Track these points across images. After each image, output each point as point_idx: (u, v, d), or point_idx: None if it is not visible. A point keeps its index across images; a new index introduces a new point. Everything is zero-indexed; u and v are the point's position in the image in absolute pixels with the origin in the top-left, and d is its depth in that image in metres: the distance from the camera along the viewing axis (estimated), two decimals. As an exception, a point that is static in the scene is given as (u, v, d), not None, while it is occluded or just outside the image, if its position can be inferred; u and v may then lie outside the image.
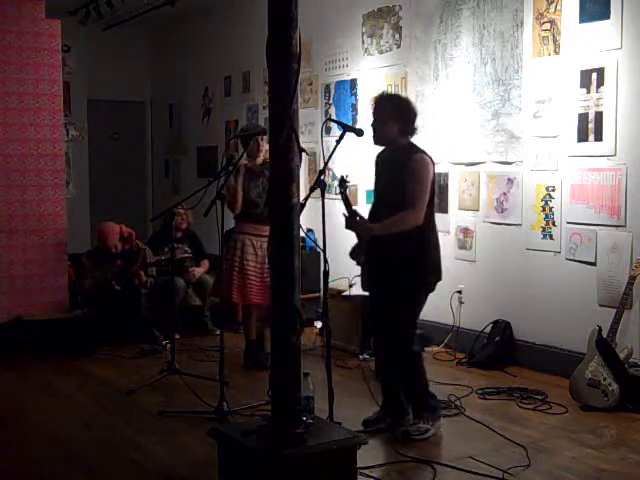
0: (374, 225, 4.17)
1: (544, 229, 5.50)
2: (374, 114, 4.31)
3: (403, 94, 6.17)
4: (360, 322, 6.06)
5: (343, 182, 4.16)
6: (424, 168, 4.16)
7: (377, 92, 4.62)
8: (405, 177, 4.14)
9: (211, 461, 3.63)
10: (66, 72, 8.28)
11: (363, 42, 7.03)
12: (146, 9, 8.65)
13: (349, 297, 6.06)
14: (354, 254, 4.33)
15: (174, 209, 5.61)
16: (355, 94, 7.13)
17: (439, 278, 4.31)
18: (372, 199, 4.53)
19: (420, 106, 6.38)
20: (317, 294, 6.84)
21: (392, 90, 6.57)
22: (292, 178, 3.40)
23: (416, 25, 6.47)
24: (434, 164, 4.25)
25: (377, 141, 4.33)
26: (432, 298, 4.52)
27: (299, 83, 3.41)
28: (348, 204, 4.21)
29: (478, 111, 5.95)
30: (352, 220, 4.22)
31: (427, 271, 4.25)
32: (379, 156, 4.47)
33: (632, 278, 4.82)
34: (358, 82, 7.10)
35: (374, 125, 4.28)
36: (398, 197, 4.14)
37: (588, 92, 5.16)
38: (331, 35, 7.41)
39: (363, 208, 5.12)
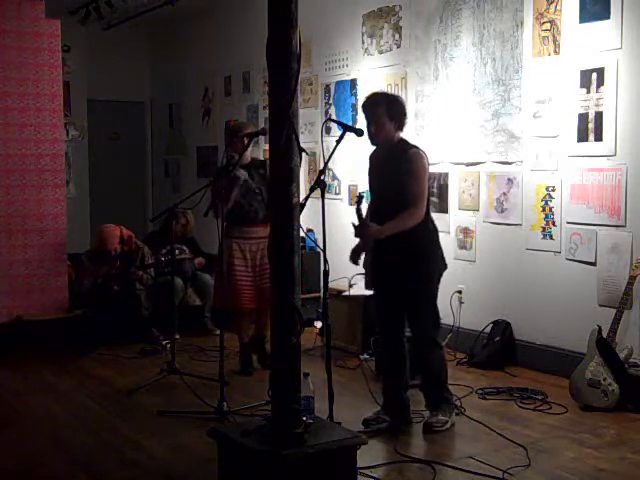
0: (382, 228, 4.18)
1: (544, 229, 5.50)
2: (369, 117, 4.31)
3: (390, 91, 6.20)
4: (360, 322, 6.07)
5: (360, 199, 4.19)
6: (420, 164, 4.25)
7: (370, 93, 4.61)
8: (403, 175, 4.20)
9: (211, 461, 3.63)
10: (66, 72, 8.28)
11: (363, 42, 7.03)
12: (146, 9, 8.65)
13: (349, 297, 6.06)
14: (354, 256, 4.37)
15: (175, 210, 5.59)
16: (355, 94, 7.13)
17: (446, 266, 4.45)
18: (370, 198, 4.55)
19: (420, 106, 6.43)
20: (317, 294, 6.85)
21: (392, 90, 6.57)
22: (292, 178, 3.40)
23: (416, 25, 6.47)
24: (427, 157, 4.31)
25: (376, 142, 4.36)
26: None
27: (299, 83, 3.41)
28: (360, 217, 4.22)
29: (478, 111, 5.95)
30: (362, 228, 4.23)
31: (438, 259, 4.40)
32: (373, 155, 4.50)
33: (632, 278, 4.82)
34: (358, 82, 7.10)
35: (372, 128, 4.29)
36: (399, 194, 4.20)
37: (588, 92, 5.16)
38: (331, 35, 7.41)
39: (363, 207, 5.11)
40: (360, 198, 4.21)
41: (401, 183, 4.20)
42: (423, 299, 4.35)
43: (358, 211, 4.24)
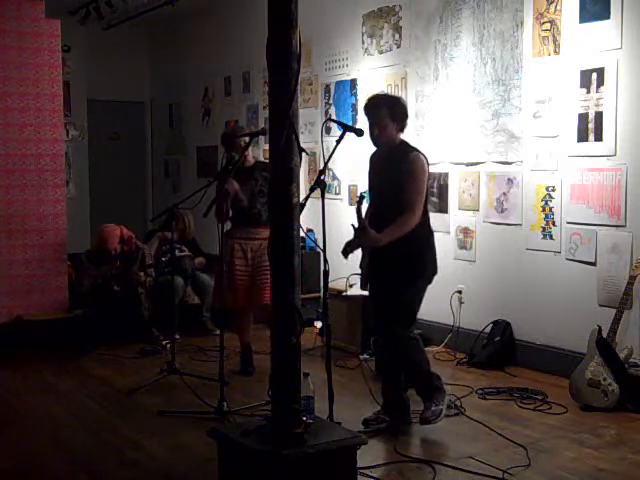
0: (380, 236, 4.17)
1: (544, 229, 5.50)
2: (372, 118, 4.31)
3: (392, 93, 6.20)
4: (360, 322, 6.07)
5: (362, 198, 4.18)
6: (420, 168, 4.24)
7: (371, 94, 4.61)
8: (402, 177, 4.19)
9: (211, 461, 3.63)
10: (66, 72, 8.28)
11: (363, 42, 7.03)
12: (146, 9, 8.65)
13: (349, 297, 6.06)
14: (346, 250, 4.35)
15: (175, 211, 5.58)
16: (355, 94, 7.13)
17: (436, 271, 4.41)
18: (369, 199, 4.54)
19: (420, 106, 6.43)
20: (317, 294, 6.85)
21: (392, 90, 6.58)
22: (292, 178, 3.40)
23: (416, 25, 6.47)
24: (427, 161, 4.31)
25: (378, 144, 4.35)
26: (432, 298, 4.54)
27: (299, 83, 3.41)
28: (360, 218, 4.21)
29: (478, 111, 5.95)
30: (361, 232, 4.22)
31: (427, 264, 4.36)
32: (374, 155, 4.50)
33: (632, 278, 4.82)
34: (358, 82, 7.10)
35: (374, 130, 4.28)
36: (398, 196, 4.20)
37: (588, 92, 5.16)
38: (331, 35, 7.41)
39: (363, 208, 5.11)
40: (361, 198, 4.21)
41: (400, 185, 4.20)
42: (405, 300, 4.30)
43: (358, 212, 4.24)
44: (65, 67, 7.86)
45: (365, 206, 4.40)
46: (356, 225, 4.26)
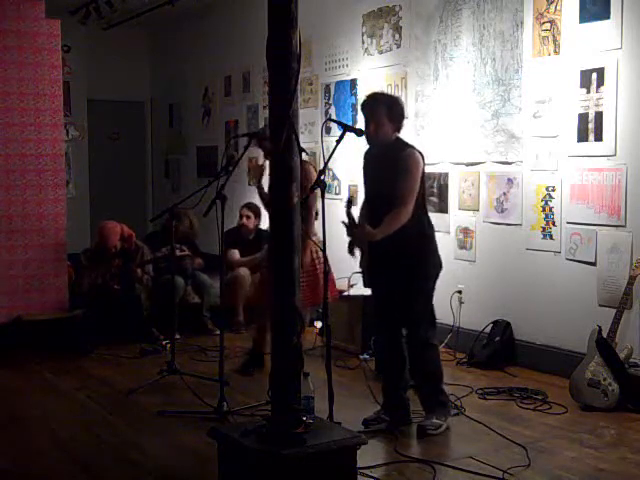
0: (375, 232, 4.17)
1: (544, 229, 5.50)
2: (369, 116, 4.31)
3: (390, 92, 6.20)
4: (360, 322, 6.07)
5: (350, 202, 4.19)
6: (414, 164, 4.23)
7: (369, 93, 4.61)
8: (397, 173, 4.18)
9: (211, 461, 3.63)
10: (66, 72, 8.28)
11: (363, 42, 7.03)
12: (146, 9, 8.66)
13: (349, 297, 6.06)
14: (351, 248, 4.35)
15: (177, 211, 5.58)
16: (355, 94, 7.13)
17: (441, 267, 4.42)
18: (365, 197, 4.54)
19: (420, 106, 6.43)
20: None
21: (392, 90, 6.58)
22: (292, 178, 3.40)
23: (416, 25, 6.47)
24: (423, 157, 4.30)
25: (374, 142, 4.34)
26: (432, 298, 4.53)
27: (299, 83, 3.41)
28: (352, 220, 4.22)
29: (478, 111, 5.95)
30: (356, 229, 4.22)
31: (435, 260, 4.37)
32: (368, 153, 4.50)
33: (632, 278, 4.82)
34: (358, 82, 7.10)
35: (371, 128, 4.27)
36: (394, 193, 4.19)
37: (588, 92, 5.16)
38: (331, 35, 7.41)
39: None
40: (350, 202, 4.21)
41: (396, 182, 4.19)
42: (418, 299, 4.33)
43: (349, 215, 4.22)
44: (65, 67, 7.86)
45: (358, 206, 4.38)
46: (347, 223, 4.25)
